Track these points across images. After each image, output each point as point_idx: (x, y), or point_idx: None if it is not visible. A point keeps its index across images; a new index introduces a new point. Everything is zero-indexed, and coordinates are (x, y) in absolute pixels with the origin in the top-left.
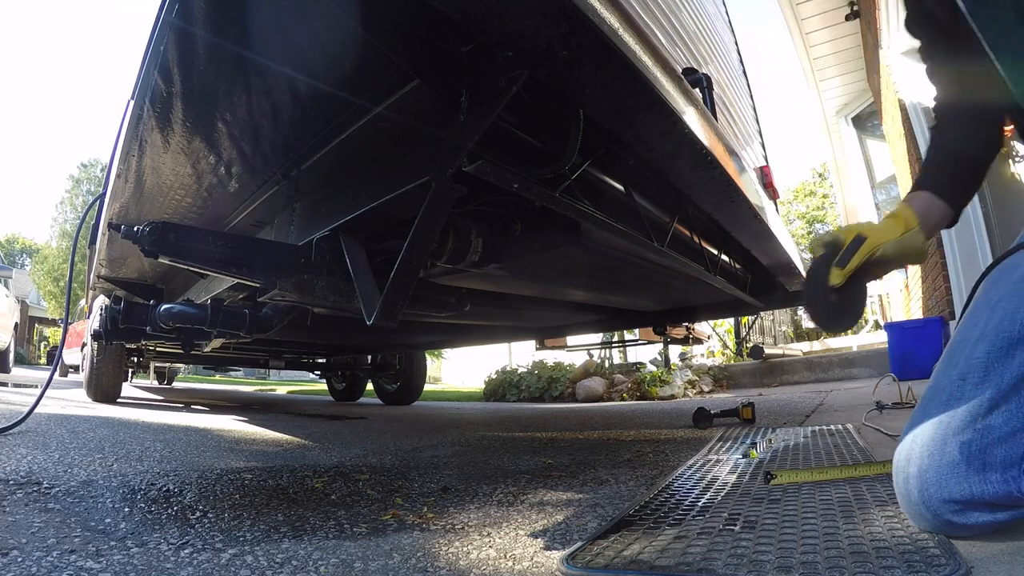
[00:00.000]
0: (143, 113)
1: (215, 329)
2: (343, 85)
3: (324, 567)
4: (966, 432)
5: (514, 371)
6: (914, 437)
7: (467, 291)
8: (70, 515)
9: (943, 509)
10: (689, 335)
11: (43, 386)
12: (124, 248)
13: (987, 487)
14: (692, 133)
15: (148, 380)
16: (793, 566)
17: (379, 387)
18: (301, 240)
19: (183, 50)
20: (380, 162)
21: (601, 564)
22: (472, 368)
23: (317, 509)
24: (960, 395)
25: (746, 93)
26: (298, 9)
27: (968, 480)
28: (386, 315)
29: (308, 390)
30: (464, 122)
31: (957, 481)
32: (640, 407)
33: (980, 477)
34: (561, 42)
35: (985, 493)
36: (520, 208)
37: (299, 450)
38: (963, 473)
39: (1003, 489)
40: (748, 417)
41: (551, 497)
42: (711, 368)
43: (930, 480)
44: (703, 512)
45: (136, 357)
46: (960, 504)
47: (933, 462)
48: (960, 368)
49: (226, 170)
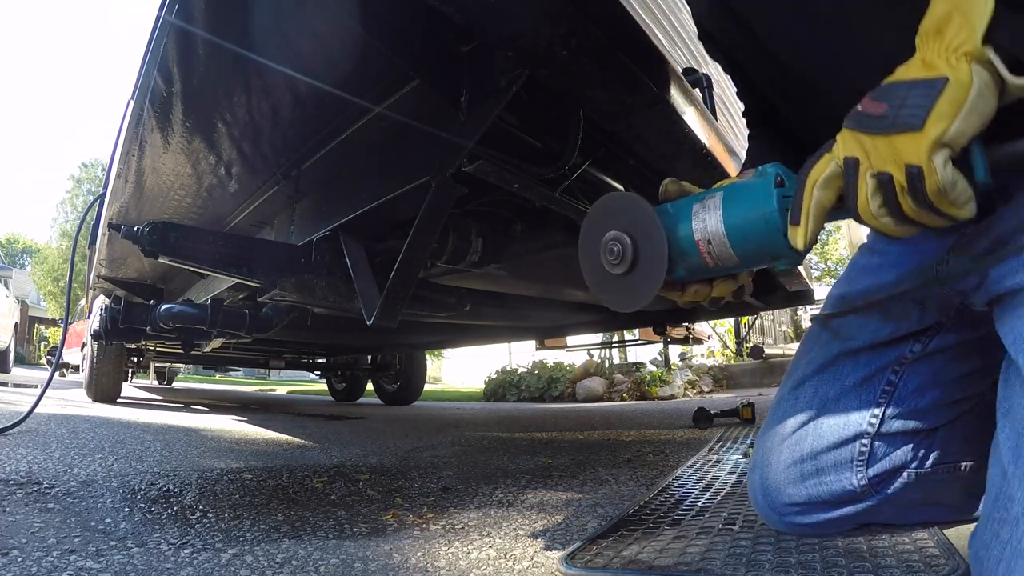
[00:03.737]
0: (143, 113)
1: (215, 329)
2: (343, 85)
3: (324, 567)
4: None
5: (514, 371)
6: (758, 446)
7: (467, 291)
8: (70, 515)
9: (787, 511)
10: (689, 335)
11: (43, 386)
12: (124, 248)
13: (821, 488)
14: (692, 133)
15: (148, 380)
16: (791, 566)
17: (379, 387)
18: (301, 240)
19: (183, 50)
20: (380, 162)
21: (600, 564)
22: (472, 368)
23: (317, 509)
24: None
25: None
26: (298, 9)
27: (804, 483)
28: (386, 315)
29: (308, 390)
30: (464, 122)
31: (793, 485)
32: (640, 407)
33: (815, 480)
34: (561, 42)
35: (821, 494)
36: (520, 208)
37: (299, 450)
38: (797, 477)
39: (838, 487)
40: (748, 417)
41: (551, 497)
42: (711, 368)
43: (770, 486)
44: (702, 512)
45: (136, 357)
46: (800, 505)
47: (771, 470)
48: (795, 377)
49: (226, 170)
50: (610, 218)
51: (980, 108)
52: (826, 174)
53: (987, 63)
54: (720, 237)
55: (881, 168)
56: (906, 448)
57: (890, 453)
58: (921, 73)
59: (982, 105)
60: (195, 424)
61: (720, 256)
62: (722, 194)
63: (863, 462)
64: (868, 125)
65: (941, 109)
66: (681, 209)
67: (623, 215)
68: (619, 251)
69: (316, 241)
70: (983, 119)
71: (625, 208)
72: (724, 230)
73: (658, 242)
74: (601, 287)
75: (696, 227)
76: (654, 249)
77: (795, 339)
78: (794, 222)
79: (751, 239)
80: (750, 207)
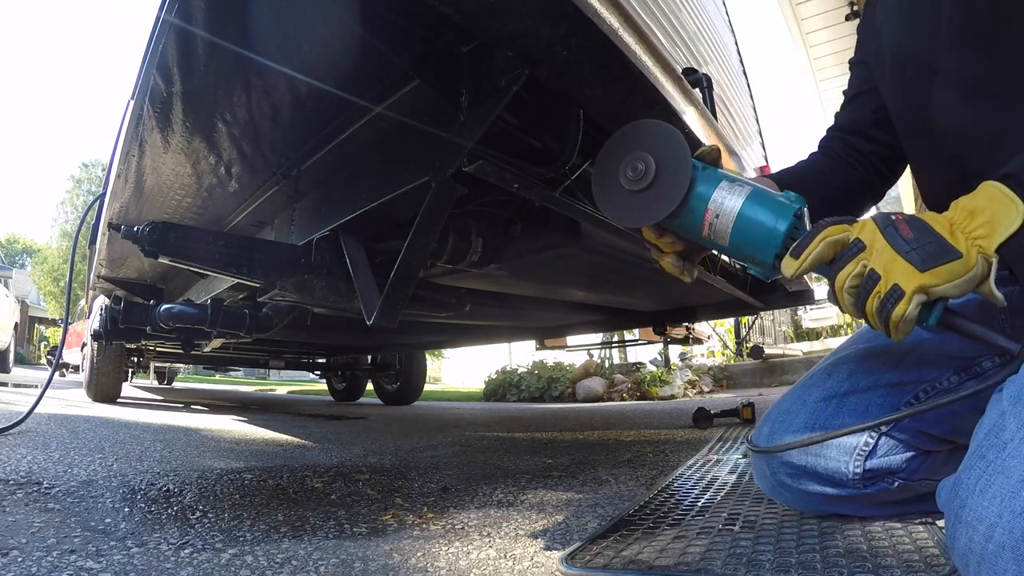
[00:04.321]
0: (143, 113)
1: (215, 329)
2: (343, 85)
3: (324, 567)
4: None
5: (514, 371)
6: (777, 403)
7: (467, 291)
8: (70, 515)
9: (780, 470)
10: (689, 335)
11: (43, 386)
12: (124, 248)
13: (819, 461)
14: (692, 133)
15: (148, 380)
16: (791, 566)
17: (379, 387)
18: (301, 240)
19: (183, 50)
20: (380, 162)
21: (600, 564)
22: (472, 368)
23: (317, 509)
24: (826, 377)
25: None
26: (298, 9)
27: (807, 450)
28: (386, 315)
29: (308, 390)
30: (464, 122)
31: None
32: (640, 407)
33: (816, 451)
34: (561, 42)
35: (816, 466)
36: (520, 208)
37: (299, 450)
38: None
39: (833, 466)
40: (748, 417)
41: (551, 497)
42: (711, 368)
43: (776, 440)
44: (702, 512)
45: (136, 357)
46: (794, 469)
47: (781, 426)
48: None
49: (226, 170)
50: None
51: (964, 287)
52: (836, 238)
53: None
54: (728, 218)
55: (875, 268)
56: (904, 457)
57: (889, 456)
58: (947, 235)
59: (967, 286)
60: (195, 424)
61: (716, 231)
62: (751, 189)
63: (864, 454)
64: (892, 237)
65: (943, 270)
66: (712, 176)
67: (656, 140)
68: (642, 169)
69: (316, 241)
70: (960, 293)
71: (660, 135)
72: (736, 215)
73: (684, 175)
74: (607, 199)
75: (716, 196)
76: (678, 178)
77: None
78: (795, 256)
79: (749, 238)
80: (766, 215)
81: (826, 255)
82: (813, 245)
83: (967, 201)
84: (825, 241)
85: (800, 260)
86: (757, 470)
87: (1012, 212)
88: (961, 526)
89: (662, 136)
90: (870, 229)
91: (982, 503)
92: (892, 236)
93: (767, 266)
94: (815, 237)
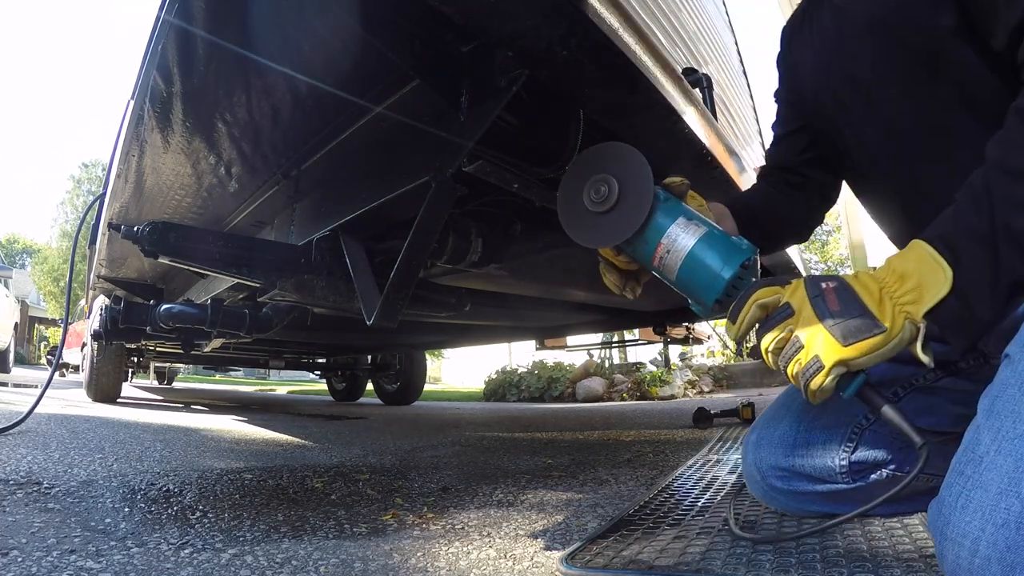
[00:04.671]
0: (143, 113)
1: (215, 329)
2: (343, 85)
3: (324, 567)
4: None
5: (514, 371)
6: (765, 412)
7: (467, 291)
8: (70, 515)
9: (770, 474)
10: (689, 335)
11: (43, 386)
12: (124, 248)
13: (806, 460)
14: (692, 133)
15: (148, 380)
16: (791, 566)
17: (379, 387)
18: (301, 240)
19: (183, 50)
20: (380, 162)
21: (600, 564)
22: (472, 368)
23: (317, 509)
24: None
25: (746, 93)
26: (298, 8)
27: (794, 451)
28: (386, 315)
29: (308, 390)
30: (464, 122)
31: (784, 450)
32: (640, 407)
33: (803, 450)
34: (561, 42)
35: (804, 465)
36: (520, 208)
37: (299, 450)
38: (789, 444)
39: (820, 462)
40: (748, 417)
41: (551, 497)
42: (711, 368)
43: (763, 447)
44: (702, 512)
45: (136, 357)
46: (784, 471)
47: (768, 432)
48: None
49: (226, 170)
50: (608, 161)
51: (887, 355)
52: (766, 301)
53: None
54: (678, 256)
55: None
56: (889, 449)
57: (874, 447)
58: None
59: (890, 354)
60: (195, 424)
61: (666, 265)
62: (706, 231)
63: (850, 447)
64: (819, 307)
65: (864, 345)
66: (672, 209)
67: (622, 165)
68: (605, 192)
69: (316, 241)
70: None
71: (628, 161)
72: (685, 255)
73: (644, 204)
74: (572, 220)
75: (671, 231)
76: (638, 207)
77: None
78: (731, 320)
79: (695, 278)
80: (714, 260)
81: (757, 316)
82: (745, 310)
83: (898, 263)
84: (756, 304)
85: (736, 325)
86: (748, 478)
87: (940, 278)
88: (947, 543)
89: (629, 162)
90: (800, 296)
91: (964, 519)
92: (819, 307)
93: (707, 308)
94: (747, 301)
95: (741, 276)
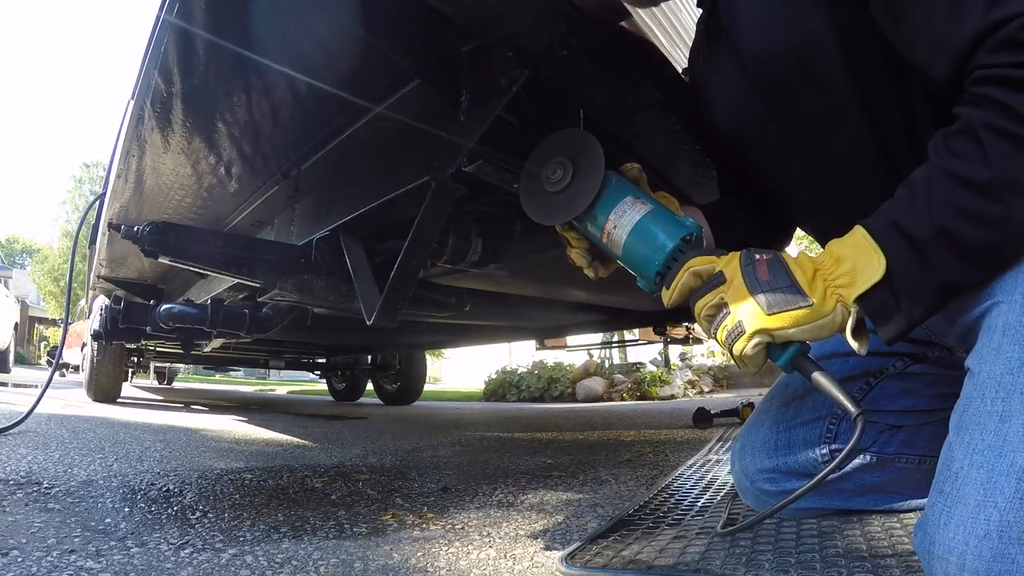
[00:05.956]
0: (143, 113)
1: (215, 329)
2: (343, 85)
3: (324, 567)
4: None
5: (514, 371)
6: (748, 421)
7: (467, 291)
8: (70, 515)
9: (758, 478)
10: (689, 335)
11: (43, 386)
12: (124, 248)
13: (789, 458)
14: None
15: (148, 380)
16: (791, 566)
17: (379, 387)
18: (301, 240)
19: (183, 50)
20: (380, 162)
21: (600, 564)
22: (472, 368)
23: (317, 509)
24: (784, 388)
25: None
26: (298, 9)
27: (777, 452)
28: (386, 315)
29: (308, 390)
30: (464, 122)
31: (768, 453)
32: (640, 407)
33: (786, 450)
34: (561, 43)
35: (788, 463)
36: (521, 208)
37: (299, 450)
38: (772, 446)
39: (803, 458)
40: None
41: (551, 497)
42: (711, 368)
43: (748, 453)
44: (702, 512)
45: (136, 357)
46: (770, 472)
47: (751, 439)
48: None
49: (226, 170)
50: (566, 145)
51: (815, 333)
52: (700, 268)
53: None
54: (624, 230)
55: (728, 302)
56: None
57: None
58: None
59: (818, 332)
60: (195, 424)
61: (612, 240)
62: (652, 208)
63: (828, 438)
64: (748, 276)
65: (787, 316)
66: (622, 188)
67: (577, 148)
68: (560, 173)
69: (316, 241)
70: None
71: (582, 144)
72: (629, 231)
73: (594, 182)
74: (528, 195)
75: (617, 210)
76: (588, 184)
77: None
78: (667, 286)
79: (638, 252)
80: (656, 235)
81: (692, 283)
82: (680, 275)
83: (837, 247)
84: (690, 271)
85: (671, 289)
86: (739, 487)
87: (874, 263)
88: (935, 562)
89: (583, 145)
90: (733, 266)
91: (948, 535)
92: (749, 275)
93: (650, 281)
94: (682, 267)
95: (682, 249)
